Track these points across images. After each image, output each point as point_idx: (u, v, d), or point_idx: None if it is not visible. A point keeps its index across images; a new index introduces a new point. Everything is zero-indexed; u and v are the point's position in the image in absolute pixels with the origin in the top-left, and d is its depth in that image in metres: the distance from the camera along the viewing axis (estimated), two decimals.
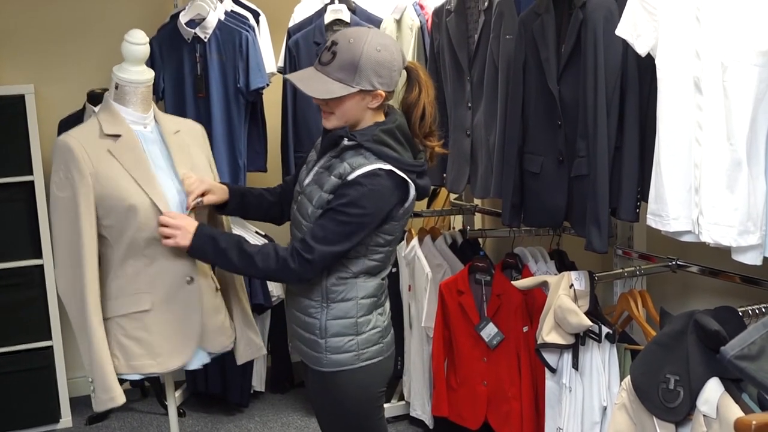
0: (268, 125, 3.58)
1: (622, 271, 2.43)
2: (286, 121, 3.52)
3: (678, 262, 2.37)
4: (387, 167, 1.81)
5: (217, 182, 2.10)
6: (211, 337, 2.07)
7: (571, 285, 2.26)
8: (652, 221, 1.94)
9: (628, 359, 2.20)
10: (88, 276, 1.92)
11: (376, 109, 1.86)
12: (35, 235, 3.38)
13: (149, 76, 2.04)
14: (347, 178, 1.80)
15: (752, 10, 1.67)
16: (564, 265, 2.83)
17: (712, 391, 1.61)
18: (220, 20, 3.31)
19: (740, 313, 1.78)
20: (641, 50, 1.92)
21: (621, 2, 2.02)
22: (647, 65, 2.01)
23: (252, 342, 2.23)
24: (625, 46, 2.05)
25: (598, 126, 2.15)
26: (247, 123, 3.44)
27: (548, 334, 2.25)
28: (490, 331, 2.81)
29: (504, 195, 2.56)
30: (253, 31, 3.37)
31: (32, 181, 3.33)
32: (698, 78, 1.79)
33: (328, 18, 3.39)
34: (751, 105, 1.70)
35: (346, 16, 3.38)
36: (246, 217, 2.18)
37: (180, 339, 2.01)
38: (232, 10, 3.41)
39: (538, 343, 2.30)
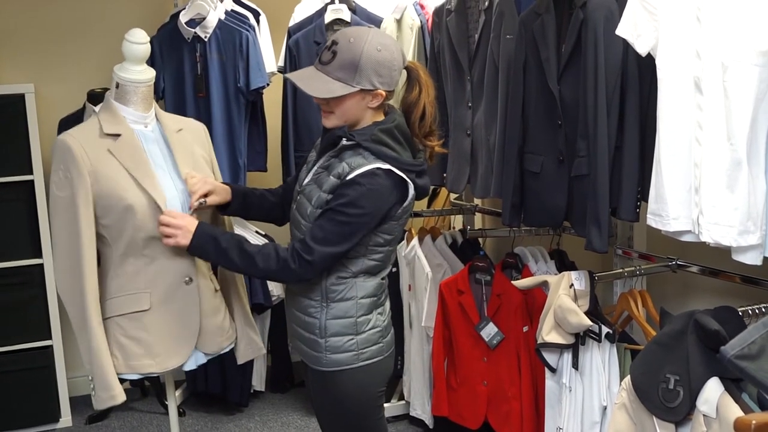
0: (269, 125, 3.58)
1: (622, 270, 2.43)
2: (287, 121, 3.52)
3: (678, 262, 2.37)
4: (386, 167, 1.81)
5: (220, 182, 2.10)
6: (208, 338, 2.07)
7: (571, 285, 2.26)
8: (652, 221, 1.94)
9: (628, 359, 2.20)
10: (87, 275, 1.92)
11: (376, 108, 1.86)
12: (35, 235, 3.38)
13: (150, 75, 2.04)
14: (346, 178, 1.80)
15: (752, 10, 1.67)
16: (564, 264, 2.82)
17: (712, 391, 1.61)
18: (220, 20, 3.31)
19: (740, 313, 1.78)
20: (641, 50, 1.92)
21: (621, 2, 2.02)
22: (647, 65, 2.01)
23: (252, 342, 2.23)
24: (626, 45, 2.05)
25: (599, 126, 2.15)
26: (248, 122, 3.44)
27: (548, 333, 2.25)
28: (490, 331, 2.81)
29: (504, 195, 2.56)
30: (254, 30, 3.37)
31: (32, 181, 3.33)
32: (698, 78, 1.79)
33: (328, 17, 3.39)
34: (752, 105, 1.70)
35: (347, 15, 3.38)
36: (247, 217, 2.18)
37: (179, 339, 2.01)
38: (233, 10, 3.41)
39: (538, 342, 2.30)
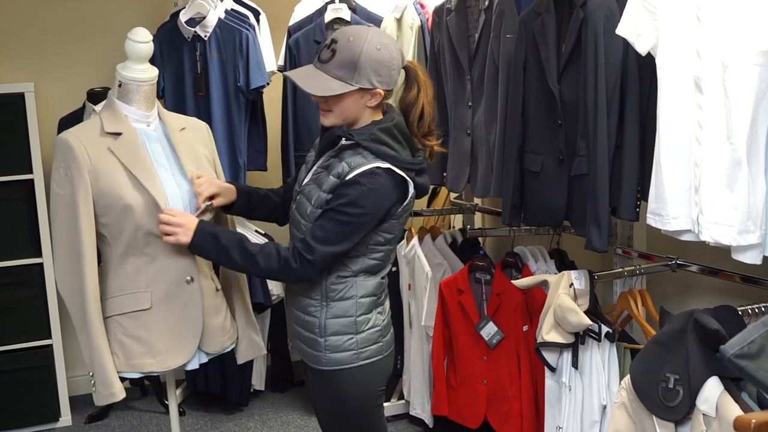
0: (269, 124, 3.58)
1: (621, 270, 2.43)
2: (287, 120, 3.52)
3: (678, 262, 2.37)
4: (385, 166, 1.81)
5: (224, 182, 2.10)
6: (210, 338, 2.07)
7: (571, 284, 2.26)
8: (652, 220, 1.94)
9: (627, 358, 2.20)
10: (88, 272, 1.92)
11: (374, 107, 1.86)
12: (35, 234, 3.38)
13: (153, 74, 2.04)
14: (346, 178, 1.80)
15: (753, 10, 1.67)
16: (564, 264, 2.82)
17: (712, 390, 1.61)
18: (220, 19, 3.31)
19: (740, 313, 1.78)
20: (642, 49, 1.92)
21: (621, 1, 2.02)
22: (647, 64, 2.01)
23: (253, 342, 2.23)
24: (626, 45, 2.05)
25: (599, 125, 2.15)
26: (248, 122, 3.44)
27: (548, 333, 2.25)
28: (489, 330, 2.81)
29: (504, 194, 2.56)
30: (254, 29, 3.37)
31: (32, 180, 3.33)
32: (698, 77, 1.79)
33: (328, 17, 3.39)
34: (752, 104, 1.70)
35: (347, 14, 3.38)
36: (250, 216, 2.18)
37: (180, 338, 2.01)
38: (233, 9, 3.41)
39: (538, 342, 2.30)
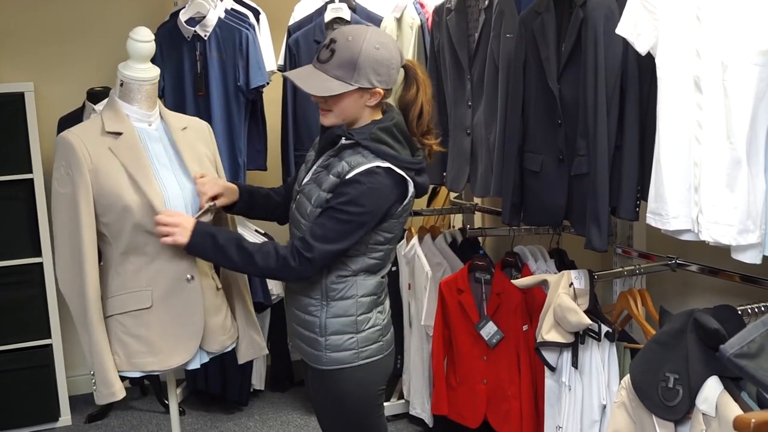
0: (268, 124, 3.58)
1: (621, 269, 2.43)
2: (286, 120, 3.52)
3: (677, 261, 2.37)
4: (385, 165, 1.81)
5: (227, 181, 2.09)
6: (211, 337, 2.07)
7: (571, 284, 2.26)
8: (651, 220, 1.94)
9: (627, 358, 2.20)
10: (88, 271, 1.92)
11: (374, 107, 1.86)
12: (35, 233, 3.38)
13: (155, 73, 2.04)
14: (346, 177, 1.80)
15: (752, 10, 1.67)
16: (564, 263, 2.82)
17: (712, 390, 1.61)
18: (220, 18, 3.31)
19: (739, 312, 1.78)
20: (641, 49, 1.92)
21: (621, 1, 2.02)
22: (647, 64, 2.01)
23: (254, 342, 2.22)
24: (626, 45, 2.05)
25: (598, 125, 2.15)
26: (247, 121, 3.44)
27: (548, 332, 2.25)
28: (489, 330, 2.81)
29: (504, 194, 2.56)
30: (253, 29, 3.37)
31: (32, 179, 3.34)
32: (698, 77, 1.79)
33: (328, 16, 3.39)
34: (751, 104, 1.70)
35: (347, 14, 3.38)
36: (251, 216, 2.17)
37: (181, 337, 2.01)
38: (232, 8, 3.41)
39: (538, 341, 2.30)
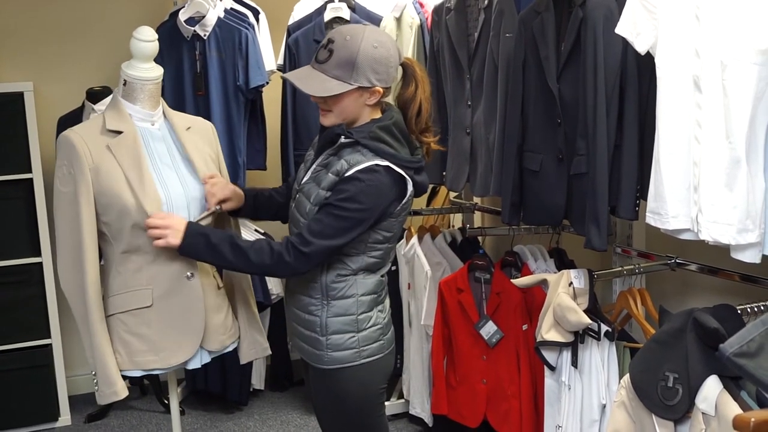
0: (268, 123, 3.58)
1: (621, 269, 2.43)
2: (286, 119, 3.52)
3: (677, 261, 2.37)
4: (384, 163, 1.81)
5: (233, 185, 2.07)
6: (212, 336, 2.06)
7: (571, 283, 2.26)
8: (651, 219, 1.94)
9: (627, 357, 2.20)
10: (89, 271, 1.92)
11: (373, 105, 1.87)
12: (34, 233, 3.38)
13: (158, 73, 2.04)
14: (345, 175, 1.80)
15: (752, 9, 1.67)
16: (563, 263, 2.82)
17: (711, 389, 1.61)
18: (219, 18, 3.31)
19: (739, 311, 1.78)
20: (641, 48, 1.92)
21: (621, 0, 2.02)
22: (647, 64, 2.01)
23: (256, 342, 2.22)
24: (625, 44, 2.05)
25: (598, 124, 2.15)
26: (247, 121, 3.44)
27: (547, 332, 2.25)
28: (489, 330, 2.81)
29: (503, 193, 2.56)
30: (253, 28, 3.37)
31: (31, 179, 3.33)
32: (698, 76, 1.79)
33: (327, 16, 3.39)
34: (751, 103, 1.70)
35: (346, 14, 3.39)
36: (256, 218, 2.18)
37: (182, 335, 2.01)
38: (232, 8, 3.41)
39: (538, 341, 2.30)
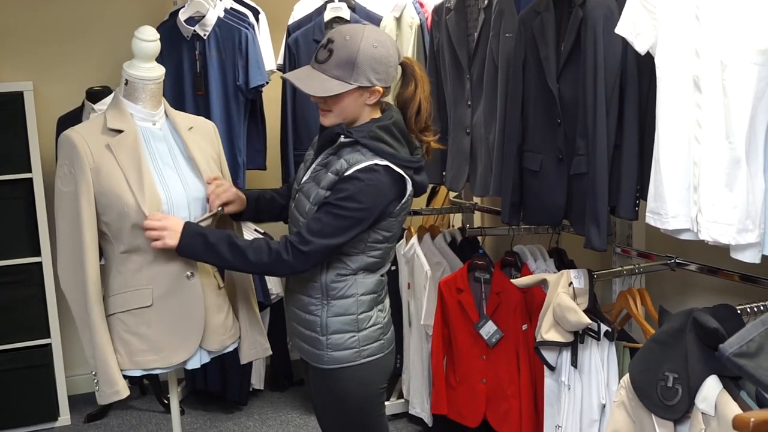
0: (268, 123, 3.58)
1: (621, 269, 2.43)
2: (286, 119, 3.52)
3: (677, 261, 2.37)
4: (384, 163, 1.81)
5: (235, 188, 2.06)
6: (211, 336, 2.06)
7: (570, 283, 2.26)
8: (651, 219, 1.94)
9: (626, 357, 2.20)
10: (90, 270, 1.92)
11: (373, 105, 1.87)
12: (34, 233, 3.38)
13: (159, 72, 2.03)
14: (344, 174, 1.81)
15: (752, 9, 1.68)
16: (563, 263, 2.83)
17: (711, 389, 1.61)
18: (219, 18, 3.31)
19: (739, 311, 1.78)
20: (641, 48, 1.92)
21: (621, 0, 2.02)
22: (647, 64, 2.01)
23: (257, 342, 2.21)
24: (625, 44, 2.05)
25: (598, 124, 2.15)
26: (247, 121, 3.44)
27: (547, 332, 2.25)
28: (489, 329, 2.81)
29: (503, 193, 2.56)
30: (253, 28, 3.37)
31: (31, 179, 3.33)
32: (697, 76, 1.79)
33: (327, 15, 3.39)
34: (750, 103, 1.70)
35: (346, 13, 3.39)
36: (258, 220, 2.18)
37: (182, 334, 2.00)
38: (232, 8, 3.41)
39: (537, 341, 2.30)
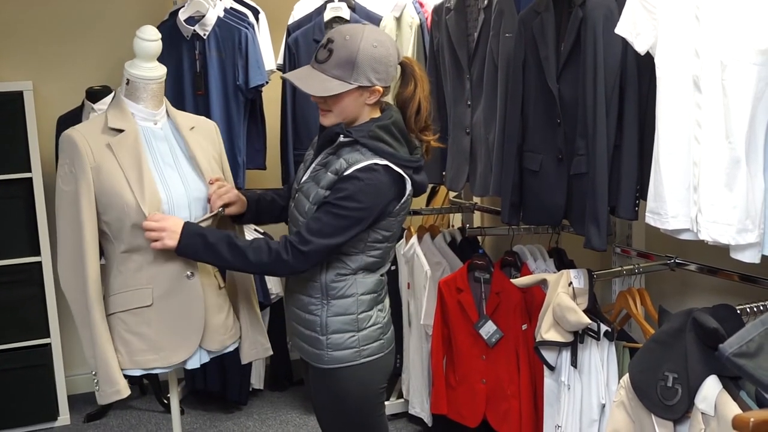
0: (268, 123, 3.58)
1: (620, 269, 2.43)
2: (286, 119, 3.52)
3: (677, 261, 2.38)
4: (383, 162, 1.81)
5: (236, 190, 2.07)
6: (211, 336, 2.06)
7: (570, 283, 2.26)
8: (650, 219, 1.94)
9: (626, 357, 2.20)
10: (90, 270, 1.92)
11: (373, 105, 1.87)
12: (33, 233, 3.38)
13: (161, 72, 2.03)
14: (343, 174, 1.81)
15: (752, 9, 1.68)
16: (563, 263, 2.83)
17: (710, 389, 1.61)
18: (219, 17, 3.31)
19: (738, 311, 1.78)
20: (640, 49, 1.92)
21: (621, 0, 2.02)
22: (646, 64, 2.01)
23: (258, 342, 2.21)
24: (625, 44, 2.05)
25: (598, 124, 2.15)
26: (247, 120, 3.44)
27: (547, 331, 2.25)
28: (489, 329, 2.81)
29: (503, 193, 2.56)
30: (253, 28, 3.37)
31: (30, 178, 3.33)
32: (697, 76, 1.79)
33: (327, 15, 3.39)
34: (750, 103, 1.71)
35: (346, 13, 3.39)
36: (259, 222, 2.18)
37: (182, 334, 2.00)
38: (232, 8, 3.41)
39: (537, 341, 2.30)
